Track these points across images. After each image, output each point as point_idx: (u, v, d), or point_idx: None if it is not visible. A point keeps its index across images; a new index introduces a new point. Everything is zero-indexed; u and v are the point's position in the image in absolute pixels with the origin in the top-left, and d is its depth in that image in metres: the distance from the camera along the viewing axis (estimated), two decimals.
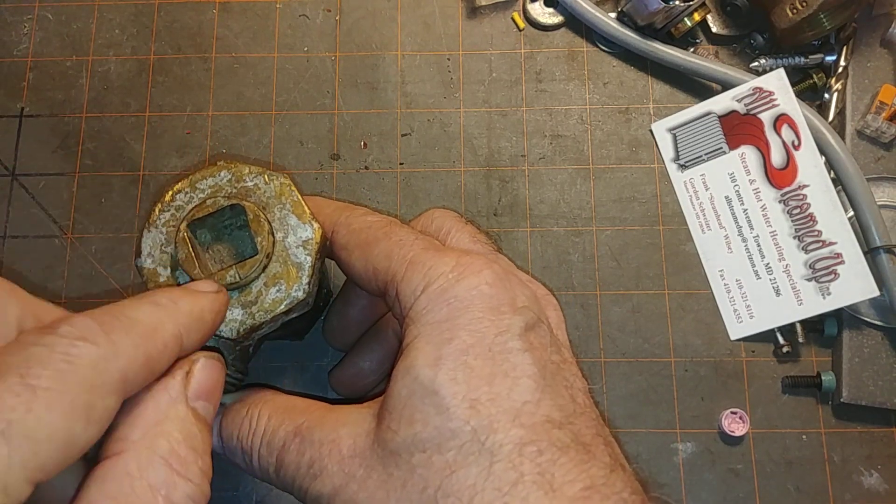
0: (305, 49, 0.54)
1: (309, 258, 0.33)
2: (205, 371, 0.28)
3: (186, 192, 0.33)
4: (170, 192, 0.33)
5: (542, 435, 0.27)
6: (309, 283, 0.33)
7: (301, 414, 0.32)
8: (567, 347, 0.33)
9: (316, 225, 0.34)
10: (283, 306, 0.33)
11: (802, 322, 0.48)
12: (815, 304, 0.48)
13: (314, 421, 0.31)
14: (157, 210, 0.33)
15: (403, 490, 0.27)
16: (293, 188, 0.34)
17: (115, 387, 0.23)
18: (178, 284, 0.32)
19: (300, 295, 0.33)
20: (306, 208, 0.34)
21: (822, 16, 0.49)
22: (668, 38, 0.52)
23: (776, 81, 0.50)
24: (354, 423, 0.30)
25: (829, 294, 0.48)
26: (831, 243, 0.48)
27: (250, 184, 0.34)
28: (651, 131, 0.53)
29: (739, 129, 0.51)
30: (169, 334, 0.26)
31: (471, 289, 0.30)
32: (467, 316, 0.29)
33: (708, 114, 0.52)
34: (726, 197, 0.51)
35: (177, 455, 0.25)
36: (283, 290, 0.33)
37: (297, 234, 0.33)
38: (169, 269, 0.33)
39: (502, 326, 0.29)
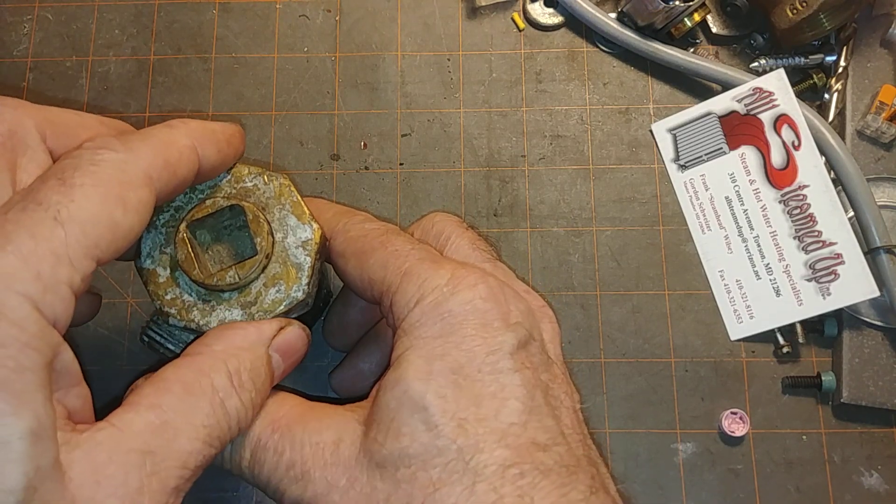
0: (305, 49, 0.54)
1: (308, 259, 0.33)
2: (293, 333, 0.32)
3: (186, 193, 0.33)
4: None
5: (526, 457, 0.27)
6: (308, 284, 0.33)
7: (277, 406, 0.31)
8: (560, 363, 0.33)
9: (315, 225, 0.34)
10: (282, 307, 0.33)
11: (802, 322, 0.48)
12: (815, 305, 0.48)
13: (293, 418, 0.31)
14: (155, 211, 0.33)
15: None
16: (292, 188, 0.34)
17: (141, 181, 0.27)
18: (178, 286, 0.32)
19: (299, 296, 0.33)
20: (305, 209, 0.34)
21: (822, 16, 0.49)
22: (668, 39, 0.52)
23: (776, 82, 0.50)
24: (339, 427, 0.30)
25: (829, 294, 0.48)
26: (831, 243, 0.48)
27: (249, 184, 0.34)
28: (651, 131, 0.53)
29: (739, 129, 0.51)
30: (183, 144, 0.29)
31: (464, 303, 0.30)
32: (460, 333, 0.29)
33: (708, 114, 0.52)
34: (726, 197, 0.51)
35: (239, 376, 0.29)
36: (282, 291, 0.33)
37: (296, 235, 0.33)
38: (168, 269, 0.33)
39: (494, 345, 0.29)
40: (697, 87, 0.53)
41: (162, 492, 0.25)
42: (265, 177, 0.34)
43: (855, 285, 0.47)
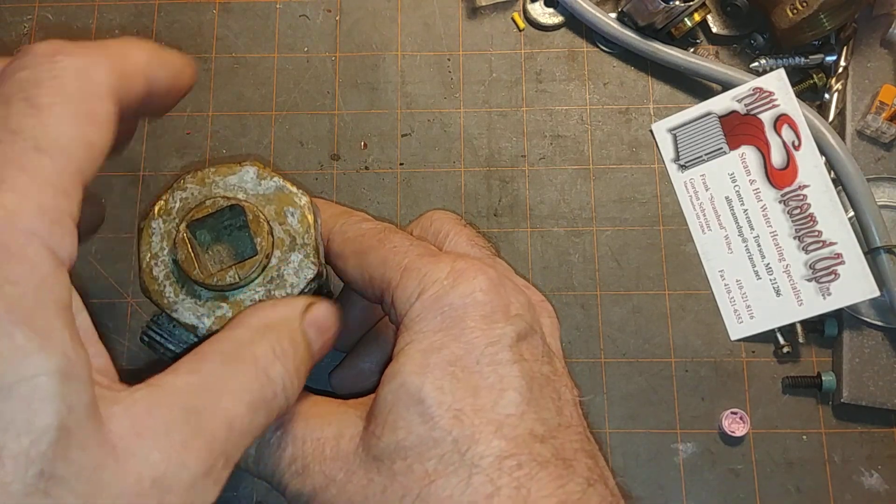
0: (305, 49, 0.54)
1: (279, 180, 0.33)
2: (324, 309, 0.31)
3: (155, 257, 0.33)
4: (147, 270, 0.33)
5: (523, 449, 0.27)
6: (304, 194, 0.33)
7: None
8: (560, 357, 0.33)
9: (246, 163, 0.34)
10: (314, 224, 0.33)
11: (803, 322, 0.48)
12: (815, 305, 0.48)
13: (296, 414, 0.31)
14: (148, 288, 0.33)
15: (382, 496, 0.27)
16: (220, 165, 0.34)
17: (106, 92, 0.25)
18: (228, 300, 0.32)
19: (304, 200, 0.33)
20: (230, 164, 0.34)
21: (822, 16, 0.49)
22: (669, 39, 0.52)
23: (776, 82, 0.50)
24: (340, 423, 0.30)
25: (829, 294, 0.48)
26: (831, 243, 0.48)
27: (178, 204, 0.34)
28: (651, 131, 0.53)
29: (740, 129, 0.51)
30: (138, 59, 0.27)
31: (465, 296, 0.30)
32: (460, 325, 0.29)
33: (708, 114, 0.52)
34: (726, 197, 0.51)
35: (280, 346, 0.28)
36: (296, 216, 0.33)
37: (262, 185, 0.34)
38: (213, 318, 0.32)
39: (493, 336, 0.29)
40: (697, 87, 0.53)
41: (208, 452, 0.23)
42: (189, 179, 0.34)
43: (855, 285, 0.47)
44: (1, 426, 0.19)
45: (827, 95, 0.51)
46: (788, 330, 0.49)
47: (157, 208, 0.34)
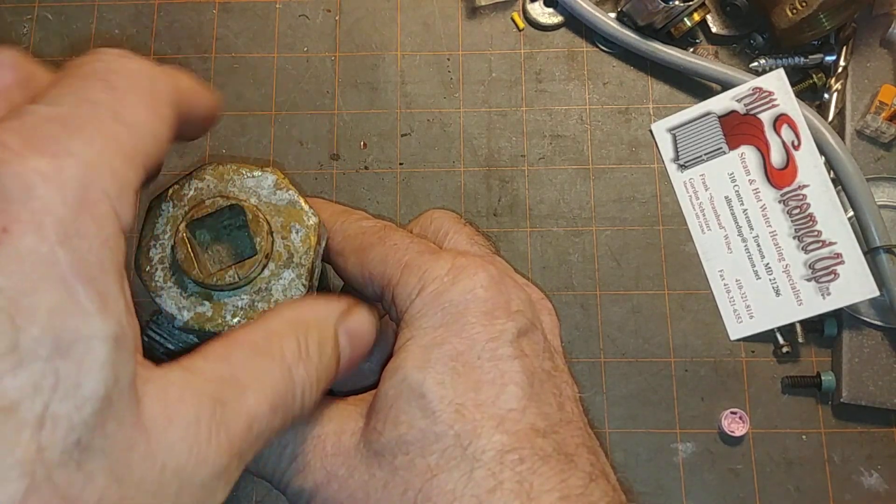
0: (305, 49, 0.54)
1: (293, 194, 0.33)
2: (361, 315, 0.30)
3: (155, 239, 0.33)
4: (145, 250, 0.33)
5: (525, 443, 0.27)
6: (315, 215, 0.33)
7: None
8: (560, 354, 0.33)
9: (276, 172, 0.34)
10: (316, 246, 0.33)
11: (802, 322, 0.48)
12: (814, 305, 0.48)
13: None
14: (141, 267, 0.33)
15: (384, 491, 0.27)
16: (219, 165, 0.34)
17: (168, 98, 0.25)
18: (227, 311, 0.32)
19: (313, 221, 0.33)
20: (248, 165, 0.34)
21: (821, 16, 0.49)
22: (668, 38, 0.52)
23: (776, 81, 0.50)
24: (340, 419, 0.30)
25: (828, 294, 0.48)
26: (831, 243, 0.48)
27: (192, 193, 0.34)
28: (651, 131, 0.53)
29: (739, 129, 0.51)
30: (186, 83, 0.27)
31: (465, 292, 0.30)
32: (461, 321, 0.29)
33: (708, 114, 0.52)
34: (726, 197, 0.51)
35: (306, 348, 0.27)
36: (300, 234, 0.33)
37: (262, 184, 0.34)
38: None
39: (494, 332, 0.29)
40: (697, 86, 0.53)
41: (227, 450, 0.23)
42: (210, 171, 0.34)
43: (855, 285, 0.47)
44: (50, 384, 0.18)
45: (826, 95, 0.51)
46: (788, 330, 0.49)
47: (170, 191, 0.34)
